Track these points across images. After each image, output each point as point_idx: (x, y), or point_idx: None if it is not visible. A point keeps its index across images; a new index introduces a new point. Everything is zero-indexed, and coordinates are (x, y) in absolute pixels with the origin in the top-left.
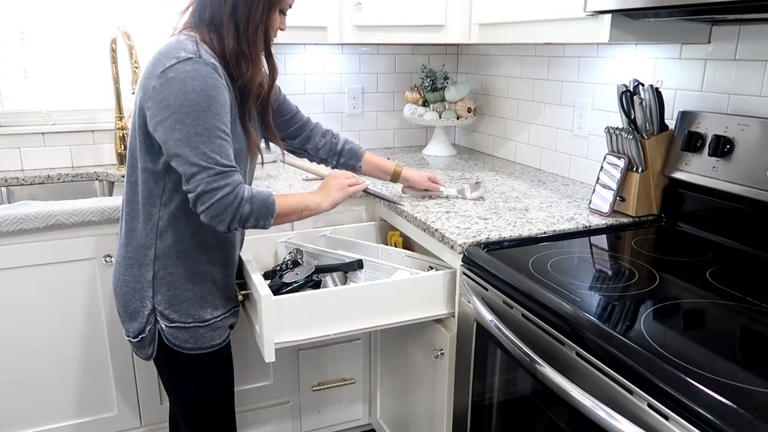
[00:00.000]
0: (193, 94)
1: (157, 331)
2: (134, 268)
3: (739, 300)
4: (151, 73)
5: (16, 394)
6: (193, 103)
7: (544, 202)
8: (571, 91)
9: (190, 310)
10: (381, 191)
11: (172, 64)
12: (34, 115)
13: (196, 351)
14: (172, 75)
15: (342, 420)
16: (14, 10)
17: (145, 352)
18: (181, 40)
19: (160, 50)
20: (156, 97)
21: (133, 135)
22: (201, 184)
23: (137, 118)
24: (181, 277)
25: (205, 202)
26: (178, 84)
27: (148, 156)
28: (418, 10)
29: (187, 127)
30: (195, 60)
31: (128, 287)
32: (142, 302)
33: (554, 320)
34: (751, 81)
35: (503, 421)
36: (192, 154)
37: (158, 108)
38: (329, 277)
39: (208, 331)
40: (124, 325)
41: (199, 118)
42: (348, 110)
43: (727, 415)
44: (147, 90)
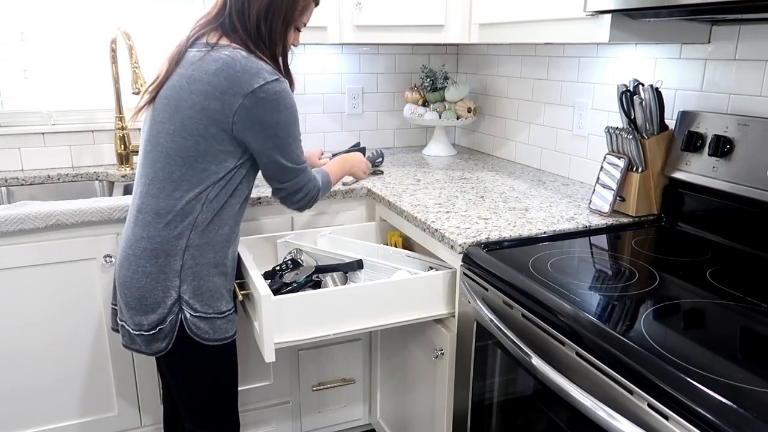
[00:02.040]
0: (285, 112)
1: (180, 321)
2: (160, 258)
3: (739, 300)
4: (231, 90)
5: (16, 395)
6: (286, 120)
7: (544, 202)
8: (571, 91)
9: (211, 301)
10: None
11: (261, 85)
12: (34, 115)
13: (214, 342)
14: (263, 96)
15: (342, 420)
16: (14, 10)
17: (158, 345)
18: (248, 57)
19: (230, 65)
20: (246, 115)
21: (186, 134)
22: (294, 185)
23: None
24: (205, 269)
25: (294, 197)
26: (271, 104)
27: (213, 159)
28: (418, 10)
29: (281, 139)
30: (280, 81)
31: (149, 278)
32: (165, 292)
33: (554, 320)
34: (751, 81)
35: (503, 421)
36: (286, 160)
37: (251, 123)
38: (329, 277)
39: (224, 323)
40: (135, 318)
41: (290, 131)
42: (348, 110)
43: (727, 415)
44: (228, 105)
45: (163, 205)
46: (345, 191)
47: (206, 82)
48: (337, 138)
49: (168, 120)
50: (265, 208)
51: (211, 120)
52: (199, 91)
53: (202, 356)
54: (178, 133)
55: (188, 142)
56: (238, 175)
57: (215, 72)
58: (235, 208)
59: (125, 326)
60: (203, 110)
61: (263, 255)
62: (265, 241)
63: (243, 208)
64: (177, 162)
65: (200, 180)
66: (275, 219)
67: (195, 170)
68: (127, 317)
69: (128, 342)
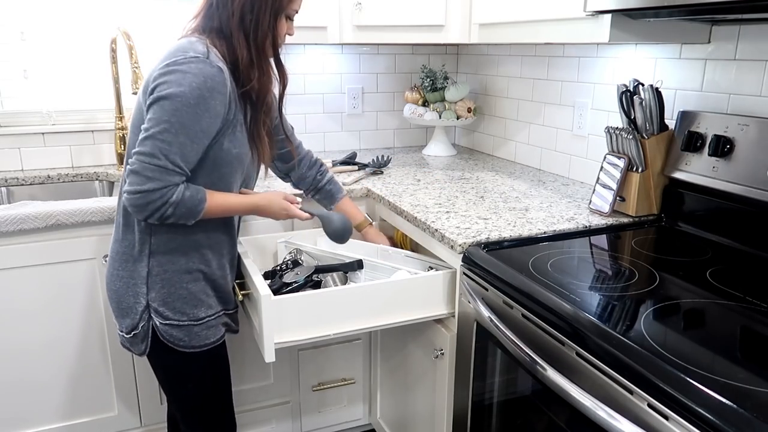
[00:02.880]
0: (187, 89)
1: (151, 327)
2: (128, 263)
3: (739, 300)
4: (156, 69)
5: (16, 395)
6: (182, 95)
7: (544, 202)
8: (571, 91)
9: (185, 308)
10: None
11: (178, 59)
12: (34, 115)
13: (190, 349)
14: (174, 68)
15: (342, 420)
16: (14, 10)
17: (139, 347)
18: (191, 41)
19: (169, 49)
20: (153, 85)
21: (133, 132)
22: (137, 164)
23: (142, 110)
24: (176, 276)
25: (132, 184)
26: (177, 77)
27: None
28: (418, 10)
29: (162, 113)
30: (202, 60)
31: (122, 282)
32: (135, 298)
33: (554, 320)
34: (751, 81)
35: (503, 421)
36: (150, 139)
37: (150, 94)
38: (329, 277)
39: (202, 329)
40: (117, 320)
41: (179, 110)
42: (348, 110)
43: (727, 415)
44: (150, 80)
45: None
46: (345, 191)
47: (148, 75)
48: (337, 138)
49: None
50: None
51: (142, 106)
52: (144, 80)
53: (182, 362)
54: (131, 131)
55: (132, 138)
56: (194, 175)
57: (159, 60)
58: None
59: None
60: (138, 103)
61: (263, 255)
62: (265, 241)
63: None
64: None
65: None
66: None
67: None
68: (114, 317)
69: (121, 340)
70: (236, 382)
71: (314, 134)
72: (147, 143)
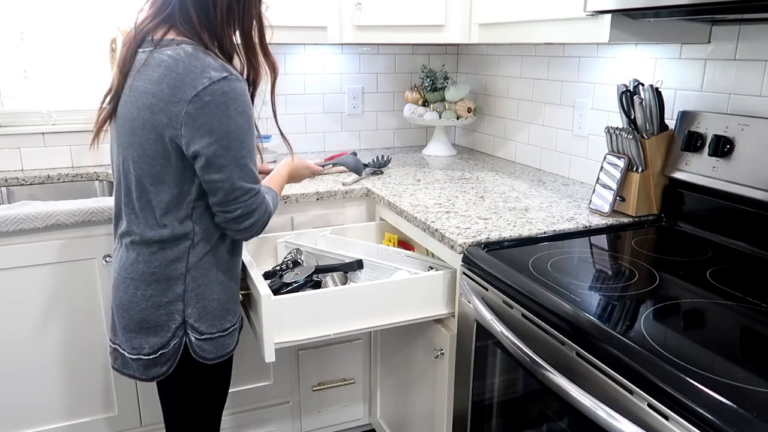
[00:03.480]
0: (237, 117)
1: (184, 344)
2: (160, 282)
3: (739, 300)
4: (175, 96)
5: (15, 395)
6: (238, 127)
7: (544, 202)
8: (571, 91)
9: (215, 320)
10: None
11: (206, 85)
12: (34, 115)
13: (216, 360)
14: (209, 98)
15: (342, 420)
16: (14, 10)
17: (157, 370)
18: (193, 54)
19: (172, 68)
20: (193, 124)
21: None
22: (241, 207)
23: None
24: (208, 289)
25: (242, 222)
26: (219, 108)
27: (187, 179)
28: (418, 10)
29: (234, 151)
30: (229, 78)
31: (150, 302)
32: (169, 317)
33: (554, 320)
34: (751, 81)
35: (503, 421)
36: (237, 178)
37: (198, 134)
38: (329, 277)
39: (226, 339)
40: (135, 341)
41: (243, 141)
42: (348, 110)
43: (727, 415)
44: (174, 115)
45: (150, 234)
46: (345, 191)
47: (151, 93)
48: (337, 138)
49: (129, 145)
50: None
51: (164, 137)
52: (146, 106)
53: (200, 375)
54: (142, 160)
55: (155, 169)
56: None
57: (158, 80)
58: None
59: (119, 349)
60: (154, 128)
61: (263, 255)
62: (265, 241)
63: None
64: (151, 190)
65: (179, 202)
66: (275, 219)
67: (172, 193)
68: (123, 340)
69: (120, 366)
70: (236, 382)
71: (314, 134)
72: (237, 184)
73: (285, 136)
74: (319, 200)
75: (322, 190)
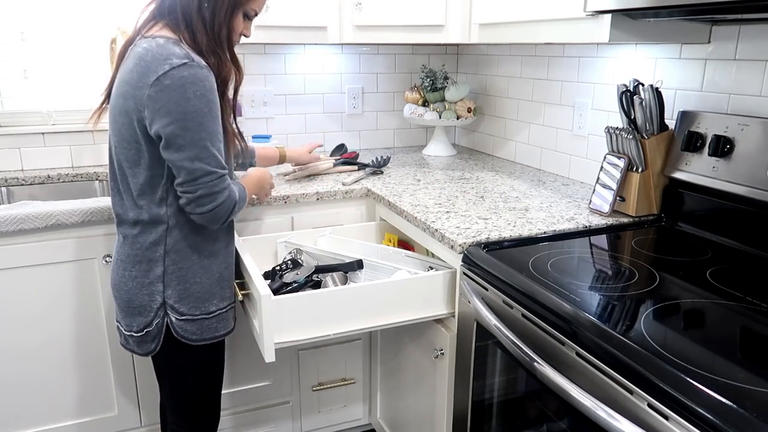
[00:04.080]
0: (195, 100)
1: (166, 324)
2: (142, 264)
3: (739, 300)
4: (141, 82)
5: (16, 395)
6: (196, 109)
7: (544, 202)
8: (571, 91)
9: (198, 302)
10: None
11: (166, 71)
12: (34, 115)
13: (201, 342)
14: (169, 82)
15: (342, 420)
16: (14, 10)
17: (147, 347)
18: (163, 45)
19: (142, 57)
20: (153, 106)
21: (125, 143)
22: (202, 187)
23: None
24: (190, 272)
25: (204, 204)
26: (177, 91)
27: (155, 163)
28: (418, 10)
29: (192, 132)
30: (189, 65)
31: (134, 282)
32: (150, 297)
33: (554, 320)
34: (751, 81)
35: (503, 421)
36: (197, 158)
37: (158, 116)
38: (329, 277)
39: (213, 322)
40: (125, 320)
41: (203, 123)
42: (348, 110)
43: (727, 415)
44: (139, 99)
45: (131, 215)
46: (345, 191)
47: (125, 82)
48: (337, 138)
49: (112, 132)
50: (264, 207)
51: (133, 121)
52: (121, 94)
53: (189, 356)
54: (120, 144)
55: (130, 151)
56: None
57: (131, 69)
58: None
59: (119, 327)
60: (126, 113)
61: (263, 255)
62: (265, 241)
63: None
64: (129, 172)
65: (153, 185)
66: (275, 219)
67: (146, 177)
68: (120, 318)
69: (123, 342)
70: (236, 382)
71: (314, 134)
72: (197, 165)
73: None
74: (319, 200)
75: (322, 190)
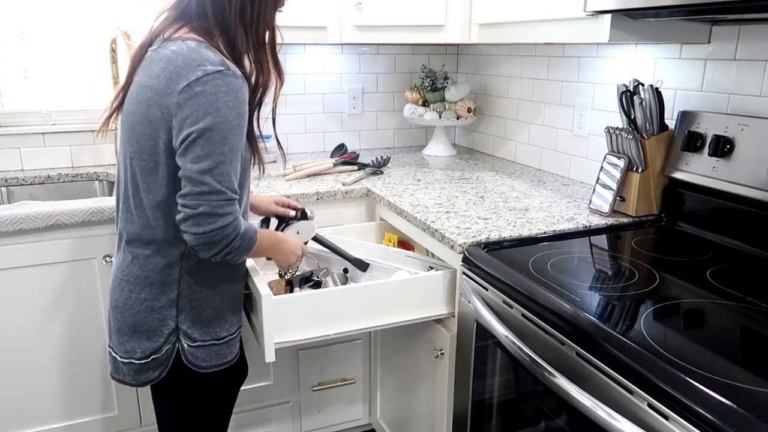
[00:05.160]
0: (226, 111)
1: (176, 350)
2: (153, 287)
3: (739, 300)
4: (169, 88)
5: (15, 394)
6: (225, 120)
7: (544, 202)
8: (571, 91)
9: (209, 328)
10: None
11: (198, 77)
12: (34, 115)
13: (210, 369)
14: (200, 89)
15: (342, 420)
16: (14, 10)
17: (148, 375)
18: (195, 48)
19: (172, 60)
20: (180, 114)
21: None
22: (205, 205)
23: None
24: (203, 296)
25: (202, 224)
26: (208, 99)
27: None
28: (418, 10)
29: (213, 145)
30: (225, 72)
31: (142, 306)
32: (162, 321)
33: (554, 320)
34: (751, 81)
35: (503, 421)
36: (209, 173)
37: (185, 123)
38: (329, 277)
39: (222, 348)
40: (128, 344)
41: (227, 137)
42: (348, 110)
43: (727, 415)
44: (166, 108)
45: (144, 234)
46: (345, 191)
47: (149, 87)
48: (337, 138)
49: (127, 140)
50: None
51: (157, 132)
52: (144, 101)
53: (195, 384)
54: (137, 156)
55: (149, 165)
56: None
57: (157, 73)
58: None
59: (112, 353)
60: (149, 123)
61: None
62: None
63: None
64: (144, 188)
65: (170, 203)
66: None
67: (163, 194)
68: (116, 343)
69: (113, 371)
70: None
71: (314, 134)
72: (208, 179)
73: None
74: (319, 200)
75: (322, 190)
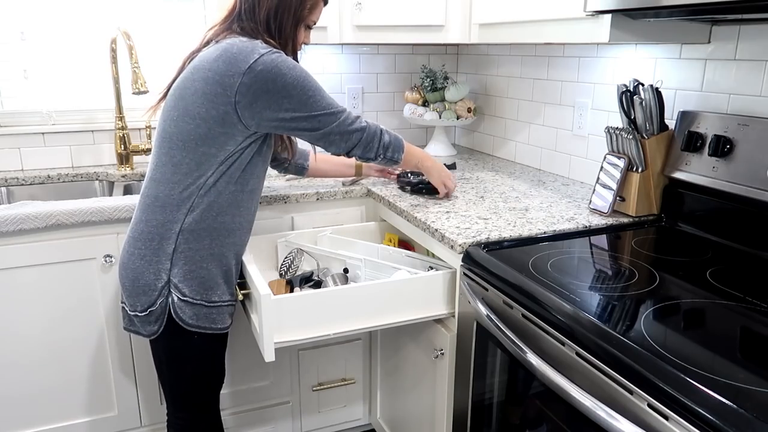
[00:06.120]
0: (290, 73)
1: (168, 303)
2: (153, 242)
3: (739, 300)
4: (230, 71)
5: (15, 394)
6: (294, 80)
7: (544, 202)
8: (571, 91)
9: (201, 288)
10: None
11: (256, 58)
12: (34, 115)
13: (196, 329)
14: (261, 68)
15: (342, 420)
16: (14, 10)
17: (151, 328)
18: (247, 41)
19: (228, 49)
20: (248, 91)
21: (188, 117)
22: (342, 125)
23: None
24: (198, 255)
25: (351, 137)
26: (271, 71)
27: (213, 142)
28: (418, 10)
29: (297, 97)
30: (275, 51)
31: (143, 260)
32: (156, 275)
33: (554, 320)
34: (751, 81)
35: (503, 421)
36: (316, 112)
37: (255, 97)
38: (329, 277)
39: (212, 312)
40: (130, 300)
41: (305, 86)
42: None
43: (727, 415)
44: (229, 87)
45: (162, 189)
46: (345, 191)
47: (207, 68)
48: None
49: (173, 107)
50: (264, 208)
51: (212, 103)
52: (201, 78)
53: (187, 344)
54: (180, 118)
55: (189, 126)
56: (240, 162)
57: (215, 58)
58: (238, 197)
59: (125, 307)
60: (204, 95)
61: (263, 255)
62: (265, 241)
63: (250, 200)
64: (178, 146)
65: (199, 164)
66: (275, 219)
67: (195, 154)
68: (125, 298)
69: (128, 324)
70: (236, 382)
71: None
72: (324, 118)
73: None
74: (319, 200)
75: (322, 190)
